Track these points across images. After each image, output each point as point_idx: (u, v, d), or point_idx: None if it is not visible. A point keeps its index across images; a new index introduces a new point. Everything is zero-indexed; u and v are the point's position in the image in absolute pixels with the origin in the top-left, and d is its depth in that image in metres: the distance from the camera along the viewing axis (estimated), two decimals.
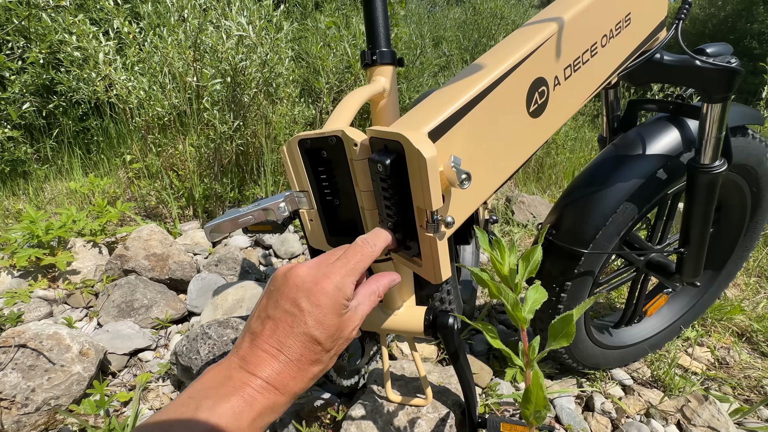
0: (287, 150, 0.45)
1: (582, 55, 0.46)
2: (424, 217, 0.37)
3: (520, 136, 0.43)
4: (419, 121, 0.36)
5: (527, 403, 0.39)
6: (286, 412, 0.79)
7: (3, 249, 1.35)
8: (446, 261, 0.37)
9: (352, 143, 0.40)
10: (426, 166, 0.32)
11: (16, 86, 1.96)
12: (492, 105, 0.39)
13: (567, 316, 0.40)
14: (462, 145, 0.37)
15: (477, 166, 0.39)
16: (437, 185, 0.33)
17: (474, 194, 0.41)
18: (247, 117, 1.75)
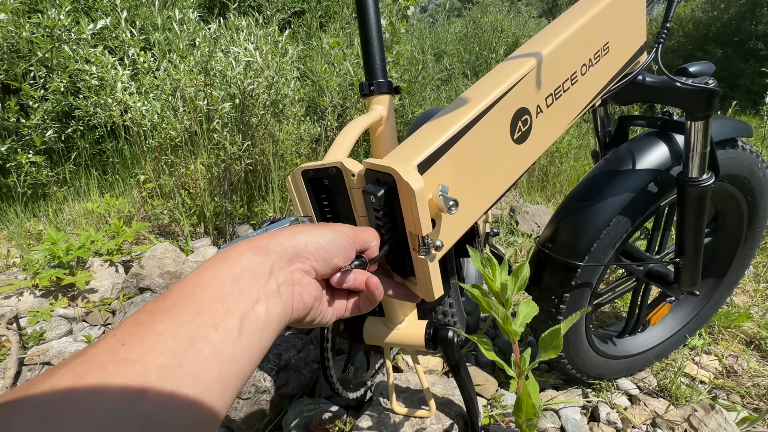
0: (292, 179, 0.49)
1: (563, 84, 0.49)
2: (416, 241, 0.40)
3: (506, 162, 0.47)
4: (409, 155, 0.39)
5: (519, 411, 0.42)
6: (295, 425, 0.82)
7: (26, 270, 1.41)
8: (438, 280, 0.41)
9: (350, 174, 0.44)
10: (414, 196, 0.35)
11: (39, 113, 2.07)
12: (477, 136, 0.43)
13: (555, 330, 0.43)
14: (450, 174, 0.41)
15: (465, 192, 0.43)
16: (426, 213, 0.37)
17: (463, 218, 0.44)
18: (255, 136, 1.82)
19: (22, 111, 2.13)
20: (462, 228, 0.44)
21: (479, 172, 0.44)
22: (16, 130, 2.13)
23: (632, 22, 0.57)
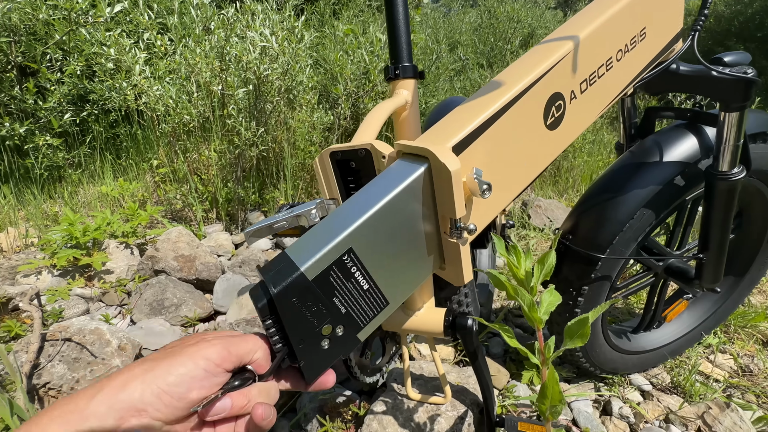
0: (319, 161, 0.49)
1: (597, 69, 0.48)
2: (448, 224, 0.40)
3: (538, 148, 0.46)
4: (444, 136, 0.39)
5: (543, 398, 0.42)
6: (310, 407, 0.83)
7: (44, 249, 1.44)
8: (468, 264, 0.40)
9: (380, 156, 0.44)
10: (451, 178, 0.35)
11: (56, 96, 2.09)
12: (511, 119, 0.42)
13: (583, 319, 0.43)
14: (483, 158, 0.40)
15: (497, 176, 0.42)
16: (461, 195, 0.36)
17: (494, 203, 0.43)
18: (269, 123, 1.82)
19: (39, 94, 2.16)
20: (492, 213, 0.44)
21: (512, 157, 0.43)
22: (34, 113, 2.16)
23: (670, 7, 0.55)
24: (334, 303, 0.38)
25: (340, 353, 0.40)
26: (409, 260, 0.42)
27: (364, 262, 0.38)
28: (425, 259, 0.43)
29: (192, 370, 0.32)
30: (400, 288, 0.43)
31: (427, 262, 0.43)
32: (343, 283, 0.38)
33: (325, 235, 0.38)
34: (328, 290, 0.37)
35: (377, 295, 0.41)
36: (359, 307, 0.40)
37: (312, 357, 0.38)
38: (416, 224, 0.40)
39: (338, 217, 0.40)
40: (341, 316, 0.39)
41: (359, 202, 0.40)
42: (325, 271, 0.37)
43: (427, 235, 0.41)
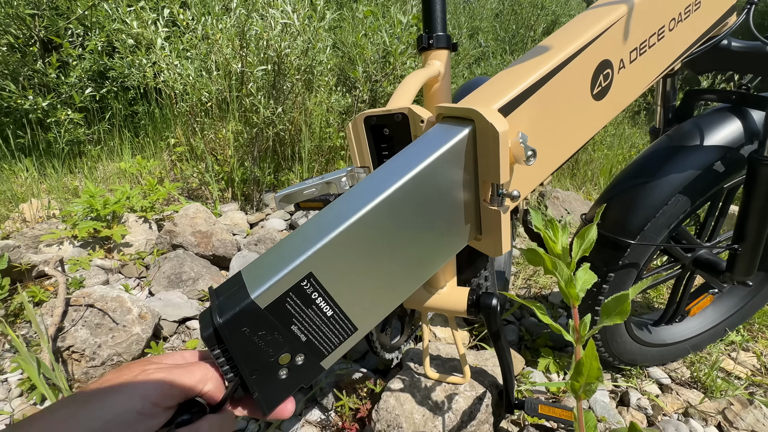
0: (352, 126, 0.47)
1: (648, 38, 0.45)
2: (489, 191, 0.38)
3: (583, 118, 0.44)
4: (489, 98, 0.37)
5: (578, 375, 0.40)
6: (326, 382, 0.83)
7: (66, 221, 1.47)
8: (508, 234, 0.39)
9: (419, 120, 0.42)
10: (499, 139, 0.33)
11: (77, 71, 2.10)
12: (558, 85, 0.40)
13: (622, 295, 0.41)
14: (528, 123, 0.39)
15: (540, 144, 0.40)
16: (506, 158, 0.35)
17: (536, 172, 0.42)
18: (286, 103, 1.81)
19: (61, 69, 2.17)
20: (533, 183, 0.42)
21: (556, 125, 0.41)
22: (55, 87, 2.18)
23: None
24: (293, 331, 0.34)
25: (301, 382, 0.37)
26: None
27: (326, 286, 0.35)
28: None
29: (121, 415, 0.29)
30: (378, 307, 0.39)
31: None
32: (302, 310, 0.34)
33: (284, 255, 0.34)
34: (284, 318, 0.34)
35: (343, 322, 0.37)
36: (322, 335, 0.36)
37: (268, 387, 0.35)
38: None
39: (311, 227, 0.36)
40: (301, 344, 0.35)
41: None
42: (280, 299, 0.33)
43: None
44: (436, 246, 0.40)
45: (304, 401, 0.84)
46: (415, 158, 0.37)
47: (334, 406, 0.80)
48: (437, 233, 0.39)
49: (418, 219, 0.38)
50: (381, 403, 0.71)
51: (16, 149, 2.16)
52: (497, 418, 0.73)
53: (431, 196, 0.37)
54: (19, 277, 1.17)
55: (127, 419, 0.29)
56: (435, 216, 0.38)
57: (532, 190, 0.44)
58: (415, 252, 0.39)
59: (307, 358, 0.36)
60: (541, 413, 0.64)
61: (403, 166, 0.37)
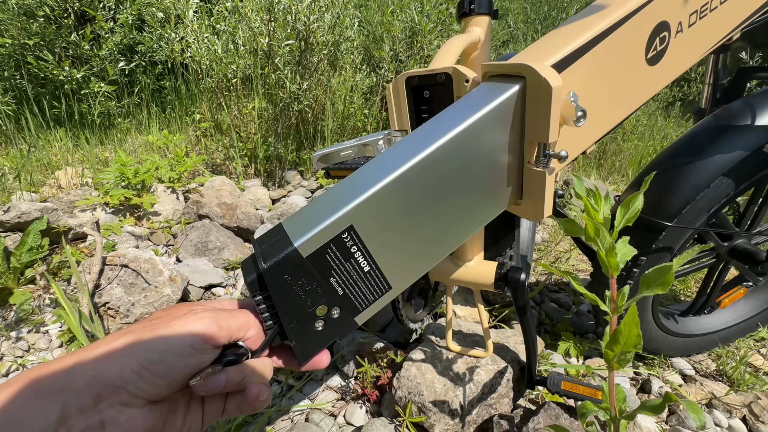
0: (393, 87, 0.47)
1: (711, 0, 0.43)
2: (534, 151, 0.37)
3: (634, 83, 0.42)
4: (542, 55, 0.36)
5: (614, 344, 0.40)
6: (348, 350, 0.85)
7: (98, 188, 1.52)
8: (551, 197, 0.38)
9: (464, 79, 0.41)
10: (551, 95, 0.32)
11: (109, 44, 2.14)
12: (612, 45, 0.38)
13: (665, 266, 0.40)
14: (580, 83, 0.37)
15: (591, 106, 0.39)
16: (557, 116, 0.34)
17: (583, 136, 0.41)
18: (311, 80, 1.80)
19: (94, 41, 2.22)
20: (579, 147, 0.41)
21: (607, 87, 0.40)
22: (88, 60, 2.24)
23: None
24: (331, 283, 0.35)
25: (336, 336, 0.38)
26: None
27: (366, 241, 0.35)
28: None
29: (176, 347, 0.29)
30: (412, 268, 0.39)
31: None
32: (341, 263, 0.35)
33: (326, 208, 0.35)
34: (324, 269, 0.34)
35: (379, 279, 0.37)
36: (358, 290, 0.37)
37: (304, 338, 0.36)
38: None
39: (352, 182, 0.36)
40: (338, 297, 0.36)
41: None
42: (321, 249, 0.33)
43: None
44: (474, 208, 0.40)
45: (325, 369, 0.86)
46: (460, 116, 0.36)
47: (355, 373, 0.82)
48: (477, 195, 0.39)
49: (459, 179, 0.37)
50: (402, 371, 0.72)
51: (51, 119, 2.24)
52: (517, 394, 0.74)
53: (474, 157, 0.37)
54: (56, 239, 1.23)
55: (180, 351, 0.30)
56: (476, 177, 0.38)
57: (576, 157, 0.43)
58: (452, 213, 0.38)
59: (343, 312, 0.37)
60: (564, 390, 0.64)
61: (448, 124, 0.36)
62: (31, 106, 2.21)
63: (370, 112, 2.06)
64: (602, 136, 0.44)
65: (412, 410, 0.68)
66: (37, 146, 2.05)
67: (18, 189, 1.56)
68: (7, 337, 0.95)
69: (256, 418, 0.75)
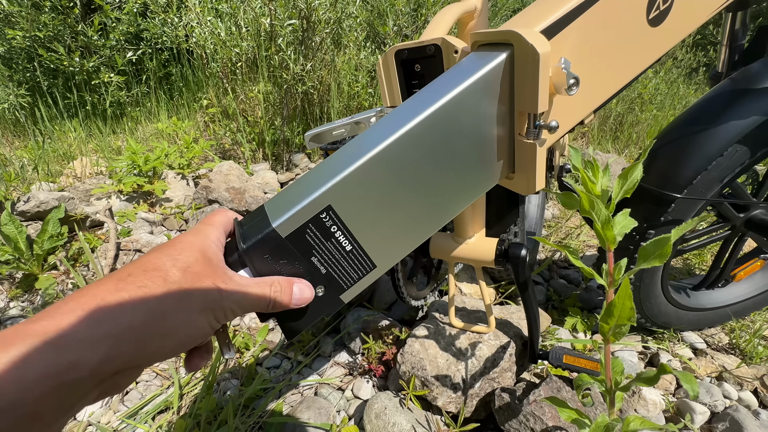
0: (383, 62, 0.46)
1: None
2: (524, 123, 0.36)
3: (634, 46, 0.40)
4: (531, 20, 0.34)
5: (608, 317, 0.40)
6: (353, 327, 0.87)
7: (112, 177, 1.56)
8: (542, 170, 0.37)
9: (452, 50, 0.40)
10: (539, 62, 0.31)
11: (116, 34, 2.15)
12: (610, 6, 0.36)
13: (663, 239, 0.39)
14: (572, 49, 0.36)
15: (585, 73, 0.37)
16: (546, 84, 0.33)
17: (578, 105, 0.39)
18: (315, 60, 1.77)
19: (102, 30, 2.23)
20: (574, 118, 0.40)
21: (604, 52, 0.38)
22: (97, 50, 2.25)
23: None
24: (313, 262, 0.35)
25: (322, 313, 0.38)
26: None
27: (345, 220, 0.35)
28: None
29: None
30: (397, 246, 0.39)
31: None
32: (322, 243, 0.35)
33: (304, 188, 0.34)
34: (305, 249, 0.34)
35: (362, 258, 0.37)
36: (342, 269, 0.37)
37: (289, 315, 0.37)
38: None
39: (332, 161, 0.35)
40: (321, 276, 0.36)
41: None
42: (300, 229, 0.33)
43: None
44: (463, 183, 0.39)
45: (332, 344, 0.89)
46: (444, 88, 0.35)
47: (361, 349, 0.84)
48: (465, 170, 0.38)
49: (445, 154, 0.36)
50: (406, 347, 0.74)
51: (64, 110, 2.29)
52: (520, 368, 0.74)
53: (461, 129, 0.36)
54: (74, 227, 1.28)
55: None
56: (464, 151, 0.37)
57: (571, 128, 0.41)
58: (440, 189, 0.38)
59: (327, 290, 0.37)
60: (566, 363, 0.64)
61: (432, 97, 0.35)
62: (45, 97, 2.25)
63: (375, 91, 2.02)
64: (601, 105, 0.42)
65: (416, 384, 0.70)
66: (52, 137, 2.11)
67: (37, 179, 1.61)
68: None
69: (267, 392, 0.79)
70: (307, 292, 0.35)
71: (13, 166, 1.70)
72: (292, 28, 1.68)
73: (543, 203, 1.17)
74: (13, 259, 1.08)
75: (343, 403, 0.77)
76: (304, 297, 0.35)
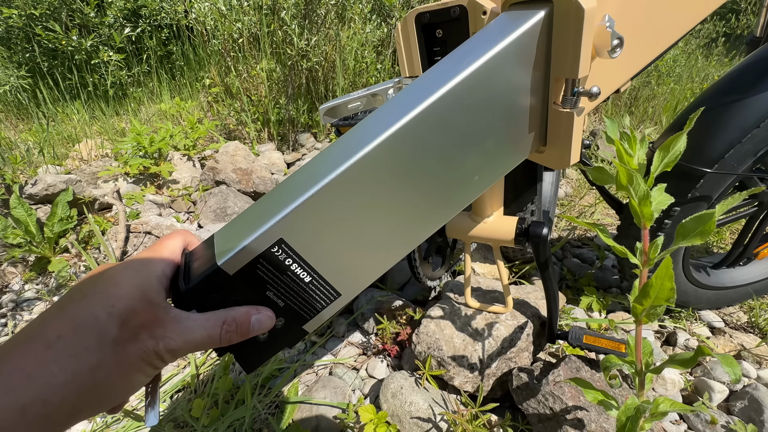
0: (401, 27, 0.42)
1: None
2: (561, 90, 0.33)
3: (679, 5, 0.36)
4: None
5: (644, 297, 0.38)
6: (367, 308, 0.87)
7: (118, 159, 1.55)
8: (578, 142, 0.35)
9: (480, 11, 0.37)
10: (583, 18, 0.28)
11: (113, 10, 2.08)
12: None
13: (706, 214, 0.37)
14: (615, 5, 0.32)
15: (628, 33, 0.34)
16: (589, 46, 0.30)
17: (619, 69, 0.36)
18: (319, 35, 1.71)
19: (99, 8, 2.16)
20: (616, 82, 0.36)
21: (647, 10, 0.34)
22: (95, 28, 2.19)
23: None
24: (268, 297, 0.32)
25: (283, 346, 0.35)
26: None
27: (301, 252, 0.31)
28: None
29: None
30: (366, 273, 0.35)
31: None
32: (276, 276, 0.31)
33: (253, 219, 0.31)
34: (257, 283, 0.31)
35: (323, 288, 0.34)
36: (301, 300, 0.34)
37: (247, 350, 0.34)
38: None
39: (287, 185, 0.32)
40: (279, 308, 0.33)
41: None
42: (249, 265, 0.30)
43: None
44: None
45: (346, 324, 0.89)
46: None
47: (375, 329, 0.84)
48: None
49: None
50: (421, 327, 0.73)
51: (66, 92, 2.25)
52: (537, 348, 0.74)
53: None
54: (82, 210, 1.28)
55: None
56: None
57: (608, 96, 0.38)
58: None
59: (288, 322, 0.34)
60: (586, 343, 0.63)
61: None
62: (46, 79, 2.21)
63: (382, 66, 1.96)
64: (639, 71, 0.39)
65: (432, 364, 0.70)
66: (56, 120, 2.08)
67: (43, 162, 1.60)
68: (50, 302, 1.01)
69: (283, 372, 0.79)
70: (267, 323, 0.32)
71: (18, 149, 1.69)
72: (295, 1, 1.61)
73: (557, 181, 1.14)
74: (24, 242, 1.08)
75: (358, 383, 0.77)
76: (263, 328, 0.32)
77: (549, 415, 0.59)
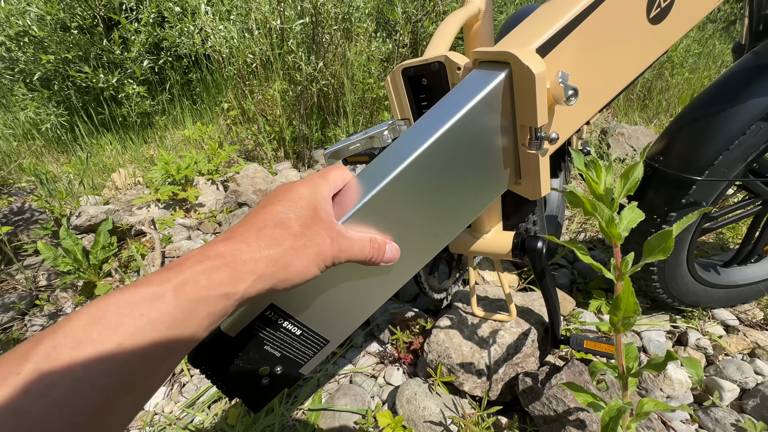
0: (391, 79, 0.48)
1: None
2: (527, 134, 0.38)
3: (636, 46, 0.40)
4: (526, 38, 0.36)
5: (616, 310, 0.42)
6: (382, 320, 0.93)
7: (149, 186, 1.67)
8: (546, 177, 0.40)
9: (455, 67, 0.42)
10: (534, 81, 0.33)
11: (136, 46, 2.24)
12: (607, 13, 0.37)
13: (666, 232, 0.41)
14: (570, 60, 0.37)
15: (586, 80, 0.38)
16: (544, 101, 0.34)
17: (579, 111, 0.40)
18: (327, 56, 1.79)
19: (124, 44, 2.34)
20: (577, 123, 0.41)
21: (604, 57, 0.39)
22: (121, 64, 2.37)
23: None
24: (266, 350, 0.38)
25: (282, 388, 0.41)
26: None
27: (290, 312, 0.37)
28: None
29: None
30: (351, 320, 0.41)
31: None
32: (272, 333, 0.37)
33: None
34: (256, 341, 0.37)
35: (313, 337, 0.40)
36: (295, 350, 0.40)
37: (252, 394, 0.40)
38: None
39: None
40: (277, 359, 0.39)
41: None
42: (248, 327, 0.36)
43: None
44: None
45: (363, 335, 0.95)
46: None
47: (389, 339, 0.89)
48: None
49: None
50: (432, 337, 0.78)
51: (99, 125, 2.43)
52: (543, 353, 0.77)
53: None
54: (121, 236, 1.40)
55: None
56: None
57: (576, 130, 0.43)
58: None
59: (285, 368, 0.40)
60: (587, 348, 0.66)
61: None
62: (80, 114, 2.40)
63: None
64: (606, 105, 0.43)
65: (442, 371, 0.75)
66: (92, 152, 2.26)
67: (83, 193, 1.75)
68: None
69: (307, 381, 0.86)
70: (396, 254, 0.38)
71: (61, 182, 1.85)
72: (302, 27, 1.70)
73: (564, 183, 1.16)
74: (73, 270, 1.20)
75: (377, 390, 0.83)
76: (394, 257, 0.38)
77: (553, 416, 0.63)
